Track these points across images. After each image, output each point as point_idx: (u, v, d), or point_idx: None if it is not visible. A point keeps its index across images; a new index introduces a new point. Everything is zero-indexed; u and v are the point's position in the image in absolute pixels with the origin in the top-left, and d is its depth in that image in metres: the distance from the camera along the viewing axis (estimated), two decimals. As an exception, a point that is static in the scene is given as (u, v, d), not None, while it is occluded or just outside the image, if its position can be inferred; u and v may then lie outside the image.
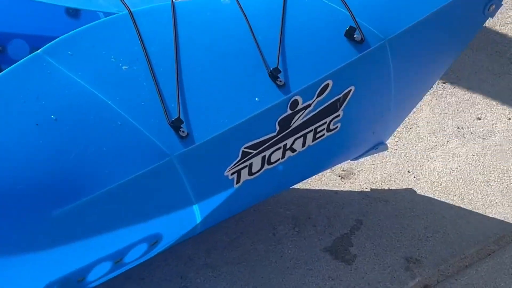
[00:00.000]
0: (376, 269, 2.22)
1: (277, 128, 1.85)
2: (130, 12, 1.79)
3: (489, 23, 2.19)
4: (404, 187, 2.52)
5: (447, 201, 2.48)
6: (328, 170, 2.46)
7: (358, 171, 2.55)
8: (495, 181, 2.58)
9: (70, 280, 1.72)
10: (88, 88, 1.66)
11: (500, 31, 3.33)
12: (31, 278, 1.66)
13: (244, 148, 1.81)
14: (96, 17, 2.04)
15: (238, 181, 1.87)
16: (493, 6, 2.08)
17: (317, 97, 1.87)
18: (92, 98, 1.66)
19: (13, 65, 1.66)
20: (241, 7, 1.90)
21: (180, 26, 1.82)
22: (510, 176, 2.61)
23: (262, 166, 1.90)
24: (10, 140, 1.58)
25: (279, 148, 1.90)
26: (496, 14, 2.14)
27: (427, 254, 2.29)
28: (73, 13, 2.11)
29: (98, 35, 1.77)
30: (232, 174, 1.84)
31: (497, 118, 2.86)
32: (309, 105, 1.87)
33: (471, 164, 2.64)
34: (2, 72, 1.65)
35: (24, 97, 1.62)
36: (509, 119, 2.86)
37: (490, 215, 2.45)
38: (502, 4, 2.11)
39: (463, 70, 3.08)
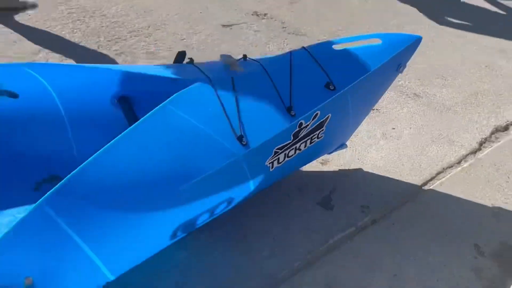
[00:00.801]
0: (345, 212, 2.27)
1: (292, 138, 1.87)
2: (210, 80, 1.82)
3: (399, 75, 2.33)
4: (356, 167, 2.55)
5: (380, 174, 2.52)
6: (315, 160, 2.49)
7: (331, 159, 2.56)
8: (406, 162, 2.65)
9: (189, 223, 1.76)
10: (195, 123, 1.69)
11: (403, 79, 3.44)
12: (170, 224, 1.68)
13: (275, 149, 1.84)
14: (188, 82, 2.10)
15: (272, 167, 1.89)
16: (402, 67, 2.13)
17: (312, 120, 1.90)
18: (198, 129, 1.69)
19: (150, 112, 1.62)
20: (267, 72, 1.91)
21: (237, 87, 1.83)
22: (413, 160, 2.67)
23: (284, 158, 1.91)
24: (156, 151, 1.60)
25: (293, 148, 1.92)
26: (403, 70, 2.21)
27: (373, 203, 2.34)
28: (174, 79, 2.21)
29: (195, 93, 1.77)
30: (269, 163, 1.87)
31: (404, 128, 2.93)
32: (308, 125, 1.90)
33: (392, 154, 2.71)
34: (146, 116, 1.61)
35: (160, 128, 1.63)
36: (410, 128, 2.95)
37: (404, 181, 2.48)
38: (406, 66, 2.19)
39: (384, 102, 3.15)
